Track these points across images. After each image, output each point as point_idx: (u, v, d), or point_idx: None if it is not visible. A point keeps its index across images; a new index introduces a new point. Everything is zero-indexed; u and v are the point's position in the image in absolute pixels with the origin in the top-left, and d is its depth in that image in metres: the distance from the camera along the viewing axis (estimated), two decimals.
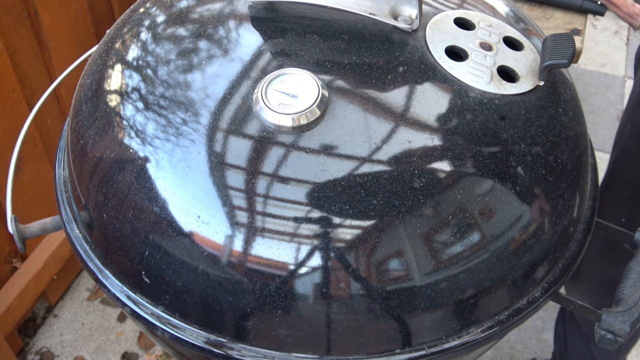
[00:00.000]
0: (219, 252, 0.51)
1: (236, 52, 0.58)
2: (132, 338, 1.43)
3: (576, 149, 0.62)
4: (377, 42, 0.59)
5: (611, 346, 0.57)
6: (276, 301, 0.51)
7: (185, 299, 0.54)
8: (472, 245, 0.52)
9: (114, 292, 0.58)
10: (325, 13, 0.61)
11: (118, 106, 0.58)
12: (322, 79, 0.55)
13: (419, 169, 0.51)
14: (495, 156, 0.54)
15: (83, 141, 0.60)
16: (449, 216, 0.51)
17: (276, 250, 0.50)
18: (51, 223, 0.67)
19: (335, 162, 0.52)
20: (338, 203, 0.50)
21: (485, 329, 0.55)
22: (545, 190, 0.57)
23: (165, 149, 0.54)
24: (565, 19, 1.10)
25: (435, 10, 0.63)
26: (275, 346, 0.53)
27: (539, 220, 0.56)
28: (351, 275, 0.50)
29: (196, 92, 0.56)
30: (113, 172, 0.56)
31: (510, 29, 0.63)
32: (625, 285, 0.60)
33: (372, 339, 0.53)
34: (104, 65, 0.62)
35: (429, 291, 0.51)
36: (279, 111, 0.52)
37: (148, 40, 0.61)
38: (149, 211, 0.53)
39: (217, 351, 0.54)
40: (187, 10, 0.63)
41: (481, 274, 0.53)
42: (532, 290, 0.58)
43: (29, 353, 1.39)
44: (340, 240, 0.50)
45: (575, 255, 0.62)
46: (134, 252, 0.55)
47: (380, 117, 0.54)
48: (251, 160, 0.52)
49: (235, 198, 0.51)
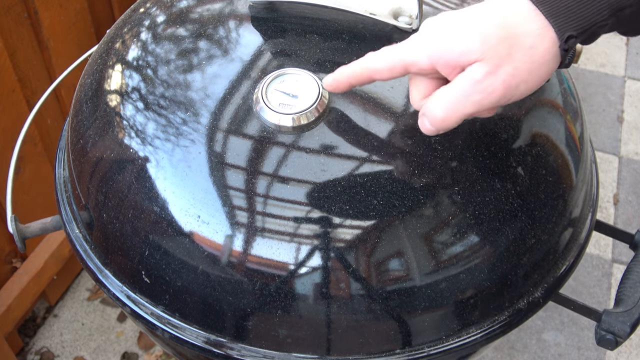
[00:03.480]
0: (219, 252, 0.51)
1: (236, 52, 0.58)
2: (132, 338, 1.43)
3: (576, 149, 0.62)
4: (378, 42, 0.59)
5: (611, 347, 0.57)
6: (276, 301, 0.51)
7: (185, 299, 0.54)
8: (472, 246, 0.52)
9: (114, 292, 0.57)
10: (325, 13, 0.61)
11: (118, 106, 0.58)
12: (322, 79, 0.55)
13: (419, 169, 0.51)
14: (495, 156, 0.54)
15: (83, 141, 0.60)
16: (448, 216, 0.51)
17: (276, 250, 0.50)
18: (51, 223, 0.67)
19: (335, 162, 0.52)
20: (338, 203, 0.50)
21: (485, 329, 0.55)
22: (546, 190, 0.57)
23: (165, 149, 0.54)
24: None
25: (436, 10, 0.63)
26: (275, 346, 0.53)
27: (539, 221, 0.56)
28: (351, 275, 0.50)
29: (196, 92, 0.56)
30: (113, 171, 0.56)
31: None
32: (626, 286, 0.60)
33: (372, 339, 0.53)
34: (104, 65, 0.62)
35: (429, 291, 0.51)
36: (279, 111, 0.52)
37: (148, 40, 0.61)
38: (149, 211, 0.53)
39: (217, 351, 0.54)
40: (187, 10, 0.63)
41: (481, 275, 0.53)
42: (532, 291, 0.58)
43: (29, 353, 1.39)
44: (340, 240, 0.50)
45: (575, 256, 0.62)
46: (134, 252, 0.55)
47: (380, 117, 0.54)
48: (251, 160, 0.52)
49: (236, 198, 0.51)
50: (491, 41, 0.44)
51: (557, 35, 0.44)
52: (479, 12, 0.45)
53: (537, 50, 0.44)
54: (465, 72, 0.45)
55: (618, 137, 1.97)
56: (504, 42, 0.44)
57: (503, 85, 0.45)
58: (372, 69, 0.48)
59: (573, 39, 0.44)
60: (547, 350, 1.46)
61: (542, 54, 0.44)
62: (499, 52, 0.44)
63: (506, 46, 0.44)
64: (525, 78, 0.45)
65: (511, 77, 0.44)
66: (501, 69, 0.44)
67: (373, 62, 0.48)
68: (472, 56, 0.44)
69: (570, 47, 0.45)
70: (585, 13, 0.44)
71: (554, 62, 0.45)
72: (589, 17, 0.44)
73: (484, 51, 0.44)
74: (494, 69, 0.44)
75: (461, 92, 0.45)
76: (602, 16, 0.44)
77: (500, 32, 0.44)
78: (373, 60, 0.49)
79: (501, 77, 0.44)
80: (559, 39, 0.44)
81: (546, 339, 1.48)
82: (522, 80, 0.45)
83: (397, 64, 0.47)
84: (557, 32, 0.44)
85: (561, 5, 0.44)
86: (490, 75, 0.44)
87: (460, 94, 0.45)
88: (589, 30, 0.45)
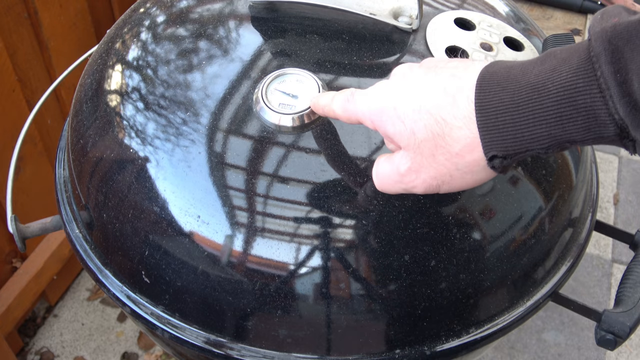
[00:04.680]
0: (219, 252, 0.51)
1: (236, 52, 0.58)
2: (132, 338, 1.43)
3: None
4: (378, 42, 0.59)
5: (611, 347, 0.57)
6: (276, 301, 0.51)
7: (185, 299, 0.54)
8: (472, 246, 0.52)
9: (113, 292, 0.57)
10: (325, 13, 0.61)
11: (118, 106, 0.58)
12: (322, 79, 0.55)
13: None
14: None
15: (83, 141, 0.60)
16: (448, 216, 0.51)
17: (276, 250, 0.50)
18: (51, 223, 0.67)
19: (335, 162, 0.52)
20: (338, 203, 0.50)
21: (485, 329, 0.55)
22: (546, 190, 0.57)
23: (165, 149, 0.54)
24: (565, 19, 1.10)
25: (436, 10, 0.63)
26: (275, 346, 0.53)
27: (539, 221, 0.56)
28: (351, 275, 0.50)
29: (196, 92, 0.56)
30: (113, 171, 0.56)
31: (511, 29, 0.63)
32: (626, 286, 0.60)
33: (372, 339, 0.53)
34: (104, 65, 0.62)
35: (428, 291, 0.51)
36: (279, 111, 0.52)
37: (148, 40, 0.61)
38: (149, 211, 0.53)
39: (217, 351, 0.54)
40: (187, 10, 0.63)
41: (481, 275, 0.53)
42: (532, 291, 0.58)
43: (29, 353, 1.39)
44: (340, 240, 0.50)
45: (575, 256, 0.62)
46: (134, 252, 0.55)
47: None
48: (251, 160, 0.52)
49: (235, 198, 0.51)
50: (418, 137, 0.42)
51: (484, 151, 0.40)
52: (426, 93, 0.42)
53: (464, 159, 0.41)
54: (396, 155, 0.44)
55: None
56: (430, 142, 0.41)
57: (423, 184, 0.43)
58: (336, 114, 0.48)
59: (499, 159, 0.40)
60: (547, 350, 1.46)
61: (467, 164, 0.41)
62: (423, 152, 0.42)
63: (432, 146, 0.41)
64: (447, 181, 0.43)
65: (431, 179, 0.43)
66: (422, 169, 0.43)
67: (336, 107, 0.48)
68: (401, 143, 0.43)
69: (496, 166, 0.41)
70: (519, 136, 0.39)
71: (484, 173, 0.42)
72: (522, 142, 0.39)
73: (409, 145, 0.42)
74: (416, 166, 0.43)
75: (391, 176, 0.45)
76: (541, 144, 0.39)
77: (431, 129, 0.41)
78: (336, 105, 0.48)
79: (421, 177, 0.43)
80: (484, 155, 0.40)
81: (546, 339, 1.48)
82: (443, 182, 0.43)
83: (352, 117, 0.47)
84: (483, 147, 0.40)
85: (497, 120, 0.39)
86: (412, 172, 0.43)
87: (391, 177, 0.45)
88: (522, 154, 0.40)
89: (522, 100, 0.38)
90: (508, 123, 0.39)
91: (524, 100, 0.38)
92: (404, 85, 0.44)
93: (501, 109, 0.39)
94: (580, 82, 0.36)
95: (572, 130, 0.38)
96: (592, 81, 0.36)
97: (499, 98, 0.39)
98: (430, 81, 0.42)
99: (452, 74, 0.42)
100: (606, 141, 0.38)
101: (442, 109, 0.41)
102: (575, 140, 0.38)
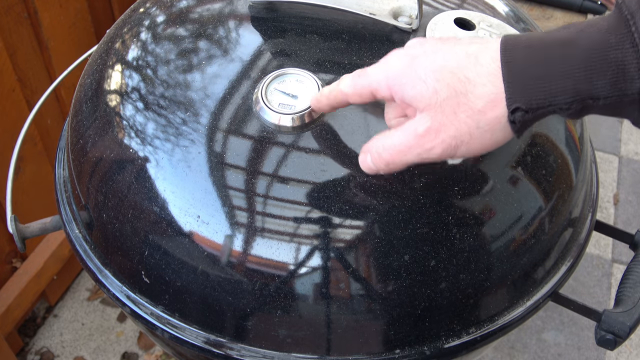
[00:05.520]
0: (219, 252, 0.51)
1: (236, 52, 0.58)
2: (132, 338, 1.43)
3: (576, 149, 0.62)
4: (377, 42, 0.59)
5: (611, 347, 0.57)
6: (276, 301, 0.51)
7: (185, 299, 0.54)
8: (472, 246, 0.52)
9: (113, 292, 0.57)
10: (325, 13, 0.61)
11: (118, 106, 0.58)
12: (322, 78, 0.55)
13: (419, 169, 0.51)
14: (494, 156, 0.54)
15: (83, 141, 0.60)
16: (448, 216, 0.51)
17: (276, 250, 0.50)
18: (51, 223, 0.67)
19: (334, 162, 0.52)
20: (338, 203, 0.50)
21: (485, 329, 0.55)
22: (546, 190, 0.57)
23: (165, 149, 0.54)
24: (565, 19, 1.10)
25: (436, 10, 0.63)
26: (275, 346, 0.53)
27: (539, 221, 0.56)
28: (351, 275, 0.50)
29: (196, 92, 0.56)
30: (113, 171, 0.56)
31: (511, 29, 0.63)
32: (626, 286, 0.60)
33: (372, 339, 0.53)
34: (104, 65, 0.62)
35: (428, 291, 0.51)
36: (279, 111, 0.52)
37: (148, 40, 0.61)
38: (149, 211, 0.53)
39: (217, 351, 0.54)
40: (187, 10, 0.63)
41: (481, 275, 0.53)
42: (532, 291, 0.58)
43: (29, 353, 1.39)
44: (340, 240, 0.50)
45: (575, 256, 0.62)
46: (134, 252, 0.55)
47: (380, 117, 0.53)
48: (251, 160, 0.52)
49: (235, 198, 0.51)
50: (441, 96, 0.42)
51: (507, 104, 0.41)
52: (446, 56, 0.43)
53: (486, 116, 0.42)
54: (412, 120, 0.44)
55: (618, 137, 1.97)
56: (453, 100, 0.42)
57: (442, 145, 0.43)
58: (345, 94, 0.48)
59: (521, 112, 0.41)
60: (547, 350, 1.46)
61: (488, 120, 0.42)
62: (445, 110, 0.42)
63: (454, 104, 0.42)
64: (466, 140, 0.43)
65: (451, 139, 0.43)
66: (443, 128, 0.43)
67: (344, 86, 0.48)
68: (421, 104, 0.43)
69: (517, 120, 0.41)
70: (546, 88, 0.40)
71: (502, 132, 0.42)
72: (547, 95, 0.40)
73: (431, 104, 0.43)
74: (436, 125, 0.43)
75: (405, 142, 0.44)
76: (565, 99, 0.40)
77: (453, 87, 0.42)
78: (344, 84, 0.48)
79: (441, 136, 0.43)
80: (507, 108, 0.41)
81: (546, 339, 1.48)
82: (462, 142, 0.43)
83: (364, 90, 0.46)
84: (507, 100, 0.41)
85: (523, 74, 0.40)
86: (432, 131, 0.43)
87: (404, 144, 0.44)
88: (544, 110, 0.41)
89: (550, 54, 0.40)
90: (534, 76, 0.40)
91: (552, 54, 0.40)
92: (422, 50, 0.45)
93: (527, 63, 0.41)
94: (612, 38, 0.39)
95: (599, 85, 0.39)
96: (625, 37, 0.38)
97: (525, 54, 0.41)
98: (450, 47, 0.44)
99: (471, 42, 0.44)
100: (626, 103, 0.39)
101: (465, 68, 0.42)
102: (599, 97, 0.39)
